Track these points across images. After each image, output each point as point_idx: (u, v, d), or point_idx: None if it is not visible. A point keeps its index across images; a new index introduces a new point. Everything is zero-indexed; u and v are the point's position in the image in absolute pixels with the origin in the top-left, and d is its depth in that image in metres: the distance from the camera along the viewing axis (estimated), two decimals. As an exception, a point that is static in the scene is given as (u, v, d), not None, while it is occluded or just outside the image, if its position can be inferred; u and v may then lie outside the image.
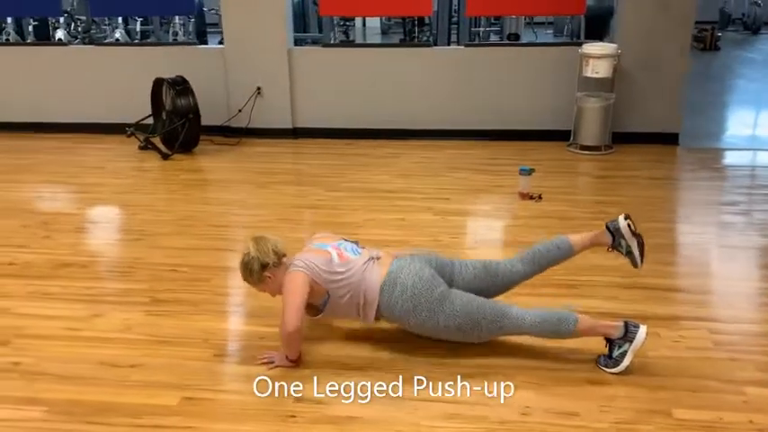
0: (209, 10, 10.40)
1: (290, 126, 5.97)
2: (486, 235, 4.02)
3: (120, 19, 9.41)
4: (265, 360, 2.61)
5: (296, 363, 2.58)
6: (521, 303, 2.99)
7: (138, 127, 5.63)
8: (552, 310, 2.58)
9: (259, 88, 5.85)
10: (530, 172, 4.41)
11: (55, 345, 2.77)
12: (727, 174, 5.04)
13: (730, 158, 5.44)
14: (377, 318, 2.64)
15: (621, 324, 2.51)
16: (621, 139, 5.52)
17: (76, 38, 9.21)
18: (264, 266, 2.60)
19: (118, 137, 5.72)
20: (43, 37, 8.77)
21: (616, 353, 2.49)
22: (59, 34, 8.76)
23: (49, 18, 8.87)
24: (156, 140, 5.55)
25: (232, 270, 3.52)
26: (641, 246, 2.79)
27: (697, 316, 2.92)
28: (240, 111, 5.89)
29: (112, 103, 6.12)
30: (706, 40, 10.48)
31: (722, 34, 11.36)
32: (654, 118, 5.54)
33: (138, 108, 5.73)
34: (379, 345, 2.70)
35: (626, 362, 2.47)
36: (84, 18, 9.76)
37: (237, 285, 3.32)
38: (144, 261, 3.54)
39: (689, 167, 5.14)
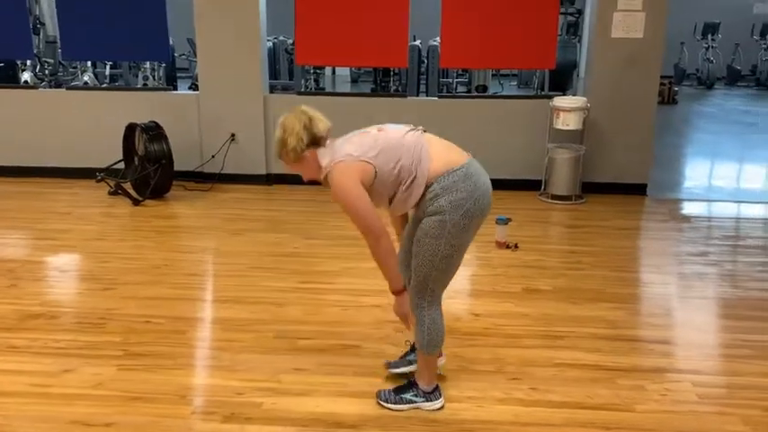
0: (180, 55, 10.44)
1: (263, 172, 5.94)
2: (465, 285, 4.01)
3: (89, 62, 9.34)
4: (404, 319, 2.47)
5: (402, 293, 2.39)
6: (503, 353, 2.99)
7: (109, 172, 5.53)
8: (439, 334, 2.52)
9: (233, 134, 5.83)
10: (506, 221, 4.45)
11: (23, 402, 2.62)
12: (695, 224, 5.17)
13: (697, 209, 5.59)
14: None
15: (435, 384, 2.60)
16: (592, 188, 5.64)
17: (43, 80, 9.09)
18: (307, 144, 2.34)
19: (87, 182, 5.60)
20: (9, 79, 8.63)
21: (407, 395, 2.58)
22: (26, 77, 8.63)
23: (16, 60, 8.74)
24: (127, 186, 5.45)
25: (208, 321, 3.44)
26: None
27: (680, 368, 2.94)
28: (213, 156, 5.85)
29: (83, 148, 6.01)
30: (664, 94, 10.89)
31: (679, 89, 11.84)
32: (622, 169, 5.69)
33: (109, 153, 5.65)
34: (367, 400, 2.64)
35: (404, 409, 2.56)
36: (51, 61, 9.66)
37: (214, 338, 3.25)
38: (116, 312, 3.43)
39: (658, 218, 5.26)
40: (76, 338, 3.15)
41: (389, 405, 2.57)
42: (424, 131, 2.49)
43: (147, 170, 5.29)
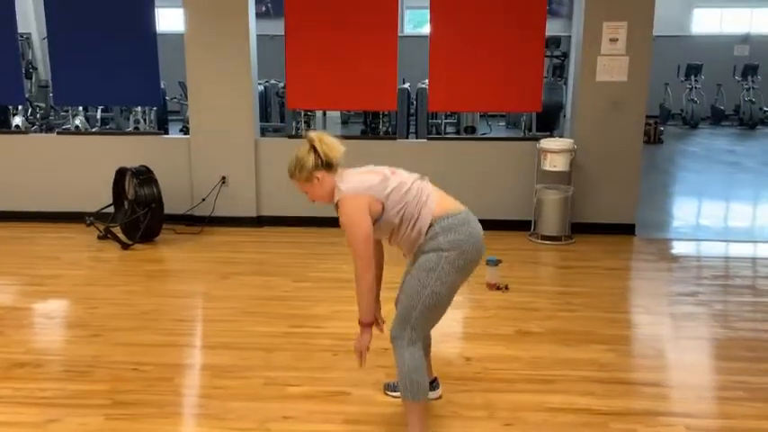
0: (171, 98, 10.54)
1: (254, 215, 5.95)
2: (456, 327, 3.99)
3: (80, 106, 9.41)
4: (360, 353, 2.53)
5: (369, 327, 2.49)
6: (495, 398, 2.96)
7: (99, 216, 5.52)
8: (423, 375, 2.49)
9: (224, 177, 5.86)
10: (497, 263, 4.46)
11: (6, 455, 2.57)
12: (684, 264, 5.20)
13: (685, 248, 5.63)
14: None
15: None
16: (580, 229, 5.68)
17: (34, 125, 9.14)
18: (318, 166, 2.47)
19: (76, 226, 5.58)
20: (0, 123, 8.67)
21: None
22: (17, 121, 8.68)
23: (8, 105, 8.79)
24: (117, 230, 5.43)
25: (197, 368, 3.40)
26: None
27: (672, 411, 2.92)
28: (204, 199, 5.85)
29: (73, 192, 6.02)
30: (650, 134, 11.06)
31: (664, 128, 12.04)
32: (610, 209, 5.74)
33: (100, 197, 5.65)
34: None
35: None
36: (42, 105, 9.73)
37: (203, 385, 3.21)
38: (103, 359, 3.38)
39: (647, 258, 5.29)
40: (63, 387, 3.10)
41: None
42: (428, 181, 2.64)
43: (137, 214, 5.29)
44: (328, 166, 2.50)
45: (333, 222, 2.87)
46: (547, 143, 5.55)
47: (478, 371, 3.28)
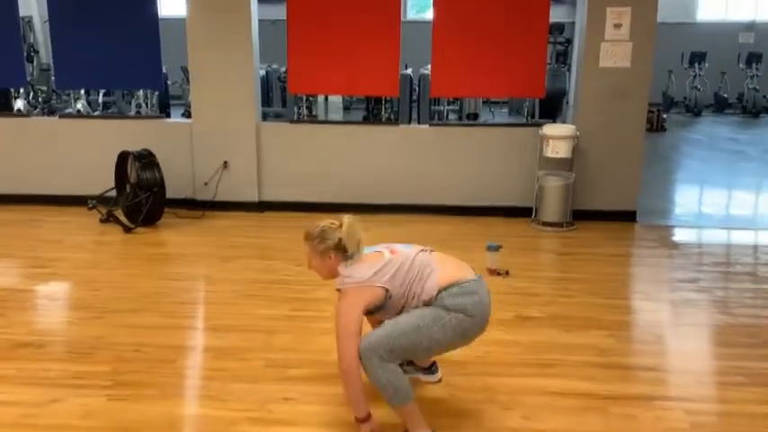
0: (173, 83, 10.51)
1: (255, 199, 5.95)
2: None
3: (82, 90, 9.39)
4: None
5: (367, 422, 2.45)
6: (495, 382, 2.98)
7: (101, 199, 5.53)
8: (402, 378, 2.46)
9: (226, 162, 5.85)
10: (497, 248, 4.47)
11: (9, 434, 2.59)
12: (685, 251, 5.21)
13: (686, 235, 5.63)
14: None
15: (430, 430, 2.51)
16: (582, 215, 5.67)
17: (36, 108, 9.13)
18: (338, 248, 2.53)
19: (78, 209, 5.59)
20: (1, 107, 8.66)
21: None
22: (19, 104, 8.67)
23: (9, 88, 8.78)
24: (119, 213, 5.44)
25: (198, 349, 3.42)
26: None
27: (672, 396, 2.94)
28: (206, 184, 5.86)
29: (75, 175, 6.02)
30: (653, 122, 11.02)
31: (667, 116, 12.00)
32: (612, 196, 5.73)
33: (102, 180, 5.65)
34: None
35: None
36: (44, 88, 9.71)
37: (204, 366, 3.23)
38: (106, 341, 3.40)
39: (648, 244, 5.29)
40: (65, 368, 3.12)
41: None
42: (432, 251, 2.64)
43: (139, 197, 5.29)
44: (344, 251, 2.55)
45: (334, 208, 2.88)
46: (549, 129, 5.53)
47: (478, 355, 3.29)
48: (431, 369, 3.02)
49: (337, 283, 2.53)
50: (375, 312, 2.57)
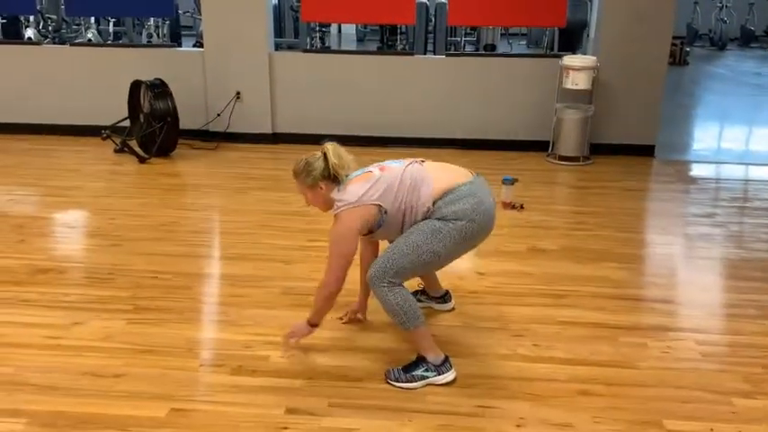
0: (184, 12, 10.30)
1: (269, 131, 5.92)
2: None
3: (92, 19, 9.23)
4: (290, 338, 2.67)
5: (313, 328, 2.63)
6: (507, 311, 3.02)
7: (114, 129, 5.52)
8: (412, 302, 2.47)
9: (239, 93, 5.79)
10: (513, 182, 4.44)
11: (35, 354, 2.67)
12: (702, 186, 5.15)
13: (704, 171, 5.56)
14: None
15: (443, 356, 2.52)
16: (599, 150, 5.60)
17: (47, 37, 9.01)
18: (325, 177, 2.50)
19: (93, 139, 5.59)
20: (12, 35, 8.55)
21: (418, 372, 2.48)
22: (29, 33, 8.55)
23: (20, 16, 8.65)
24: (133, 143, 5.44)
25: (215, 277, 3.48)
26: None
27: (683, 327, 2.97)
28: (219, 115, 5.82)
29: (87, 105, 5.99)
30: (675, 55, 10.71)
31: (690, 49, 11.65)
32: (631, 130, 5.63)
33: (114, 110, 5.62)
34: (374, 355, 2.68)
35: (417, 386, 2.47)
36: (54, 17, 9.56)
37: (220, 293, 3.29)
38: (124, 267, 3.46)
39: (665, 179, 5.23)
40: (86, 293, 3.19)
41: (401, 384, 2.47)
42: (424, 162, 2.59)
43: (153, 128, 5.27)
44: (334, 178, 2.51)
45: (348, 141, 2.86)
46: (569, 60, 5.40)
47: (491, 285, 3.32)
48: (444, 298, 3.05)
49: (333, 208, 2.50)
50: (375, 232, 2.54)
